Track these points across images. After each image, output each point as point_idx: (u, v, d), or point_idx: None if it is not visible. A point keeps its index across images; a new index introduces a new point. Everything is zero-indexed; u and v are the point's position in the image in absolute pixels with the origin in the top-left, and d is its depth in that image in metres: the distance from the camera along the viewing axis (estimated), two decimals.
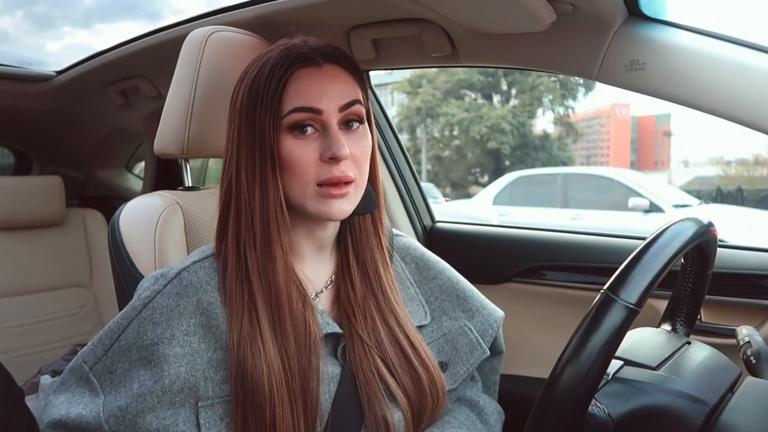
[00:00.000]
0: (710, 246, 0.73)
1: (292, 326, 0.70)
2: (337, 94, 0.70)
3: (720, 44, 0.89)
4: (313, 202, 0.70)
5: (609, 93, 39.61)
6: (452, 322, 0.84)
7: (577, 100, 16.65)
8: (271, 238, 0.70)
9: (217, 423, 0.67)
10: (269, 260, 0.70)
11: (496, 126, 14.53)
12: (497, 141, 14.55)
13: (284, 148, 0.68)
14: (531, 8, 0.90)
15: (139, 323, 0.69)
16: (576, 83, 15.46)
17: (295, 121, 0.68)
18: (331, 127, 0.69)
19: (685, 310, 0.81)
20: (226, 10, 1.24)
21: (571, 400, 0.53)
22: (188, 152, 0.97)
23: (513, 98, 16.16)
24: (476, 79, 15.19)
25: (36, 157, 2.41)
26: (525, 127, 15.54)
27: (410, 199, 1.61)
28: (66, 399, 0.70)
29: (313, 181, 0.69)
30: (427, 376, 0.75)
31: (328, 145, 0.68)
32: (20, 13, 28.14)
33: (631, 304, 0.54)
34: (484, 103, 15.76)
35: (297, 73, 0.69)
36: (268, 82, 0.69)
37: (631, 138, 28.78)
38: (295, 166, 0.68)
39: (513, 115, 15.02)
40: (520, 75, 15.16)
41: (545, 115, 16.37)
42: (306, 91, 0.68)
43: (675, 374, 0.66)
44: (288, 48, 0.71)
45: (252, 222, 0.70)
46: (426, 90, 14.51)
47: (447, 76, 14.74)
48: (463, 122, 14.82)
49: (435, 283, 0.86)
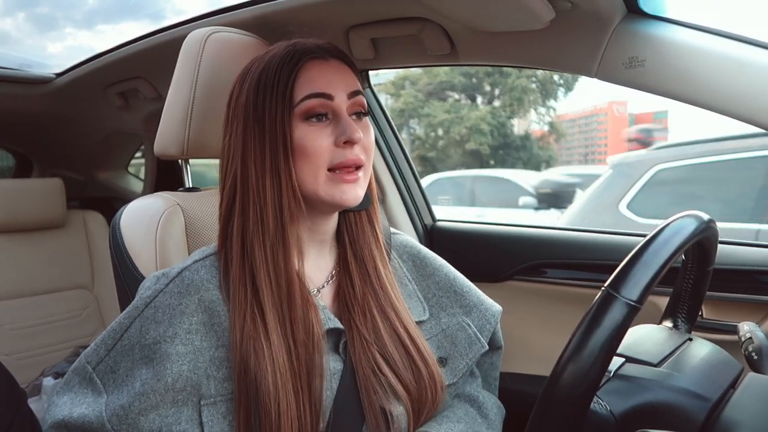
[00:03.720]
0: (711, 242, 0.73)
1: (300, 317, 0.70)
2: (345, 83, 0.72)
3: (719, 40, 0.89)
4: (325, 188, 0.71)
5: (607, 90, 39.62)
6: (450, 318, 0.85)
7: (558, 100, 16.98)
8: (284, 225, 0.71)
9: (219, 421, 0.67)
10: (282, 249, 0.71)
11: (475, 127, 14.85)
12: (476, 141, 14.85)
13: (297, 135, 0.70)
14: (530, 6, 0.90)
15: (141, 322, 0.70)
16: (556, 84, 15.85)
17: (309, 108, 0.70)
18: (342, 113, 0.71)
19: (687, 307, 0.81)
20: (224, 11, 1.24)
21: (572, 397, 0.53)
22: (188, 153, 0.97)
23: (496, 99, 16.47)
24: (457, 81, 15.51)
25: (36, 159, 2.42)
26: (505, 127, 15.81)
27: (410, 198, 1.61)
28: (69, 399, 0.70)
29: (325, 166, 0.70)
30: (426, 371, 0.76)
31: (342, 130, 0.70)
32: (22, 14, 28.22)
33: (632, 301, 0.54)
34: (465, 104, 16.06)
35: (306, 64, 0.72)
36: (278, 73, 0.70)
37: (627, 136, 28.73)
38: (308, 151, 0.70)
39: (492, 115, 15.35)
40: (501, 76, 15.60)
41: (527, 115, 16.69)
42: (317, 79, 0.71)
43: (677, 371, 0.66)
44: (293, 43, 0.74)
45: (262, 213, 0.71)
46: (408, 92, 14.67)
47: (429, 78, 15.04)
48: (444, 123, 15.08)
49: (432, 280, 0.87)
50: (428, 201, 1.65)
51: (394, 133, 1.60)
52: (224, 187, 0.74)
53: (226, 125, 0.75)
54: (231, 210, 0.73)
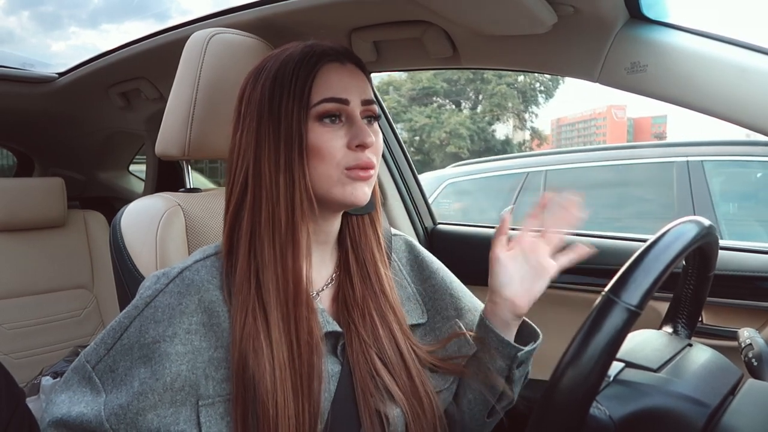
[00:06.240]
0: (712, 248, 0.73)
1: (305, 319, 0.70)
2: (359, 90, 0.73)
3: (722, 46, 0.89)
4: (339, 186, 0.72)
5: (606, 94, 39.61)
6: (445, 321, 0.85)
7: (540, 106, 17.53)
8: (296, 223, 0.71)
9: (217, 422, 0.67)
10: (291, 247, 0.71)
11: (454, 131, 15.20)
12: (456, 146, 15.25)
13: (312, 136, 0.71)
14: (532, 10, 0.90)
15: (141, 322, 0.69)
16: (537, 90, 16.35)
17: (326, 110, 0.71)
18: (356, 117, 0.72)
19: (687, 312, 0.81)
20: (227, 12, 1.24)
21: (572, 402, 0.53)
22: (190, 154, 0.97)
23: (480, 104, 16.88)
24: (440, 87, 15.85)
25: (37, 158, 2.42)
26: (485, 132, 16.14)
27: (411, 201, 1.61)
28: (68, 398, 0.70)
29: (340, 167, 0.71)
30: (423, 376, 0.76)
31: (355, 134, 0.71)
32: (26, 13, 28.28)
33: (632, 306, 0.53)
34: (446, 109, 16.50)
35: (325, 67, 0.72)
36: (296, 73, 0.71)
37: (627, 140, 28.77)
38: (323, 152, 0.71)
39: (472, 120, 15.66)
40: (482, 83, 16.10)
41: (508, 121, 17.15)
42: (335, 83, 0.72)
43: (676, 376, 0.66)
44: (312, 45, 0.74)
45: (274, 210, 0.71)
46: (392, 97, 14.88)
47: (413, 83, 15.46)
48: (425, 128, 15.38)
49: (430, 283, 0.87)
50: (429, 204, 1.65)
51: (395, 135, 1.60)
52: (233, 183, 0.74)
53: (237, 121, 0.75)
54: (241, 206, 0.73)
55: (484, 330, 0.80)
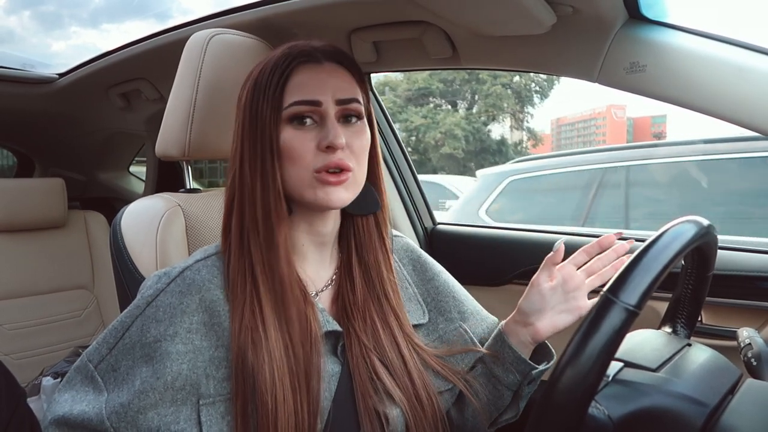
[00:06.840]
0: (711, 247, 0.73)
1: (296, 317, 0.71)
2: (335, 88, 0.72)
3: (721, 46, 0.89)
4: (311, 190, 0.71)
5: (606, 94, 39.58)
6: (448, 323, 0.85)
7: (535, 106, 17.80)
8: (272, 226, 0.71)
9: (218, 421, 0.67)
10: (271, 249, 0.72)
11: (449, 132, 15.23)
12: (450, 146, 15.25)
13: (283, 138, 0.71)
14: (531, 10, 0.91)
15: (142, 321, 0.70)
16: (532, 91, 16.42)
17: (296, 112, 0.71)
18: (328, 118, 0.72)
19: (686, 312, 0.81)
20: (227, 13, 1.25)
21: (571, 402, 0.53)
22: (190, 154, 0.97)
23: (476, 104, 16.95)
24: (436, 87, 15.85)
25: (38, 159, 2.42)
26: (480, 132, 16.15)
27: (411, 201, 1.61)
28: (70, 397, 0.71)
29: (310, 169, 0.71)
30: (424, 378, 0.76)
31: (324, 135, 0.71)
32: (27, 12, 28.27)
33: (631, 306, 0.54)
34: (442, 109, 16.57)
35: (298, 68, 0.72)
36: (271, 77, 0.72)
37: (626, 140, 28.77)
38: (293, 154, 0.71)
39: (468, 121, 15.69)
40: (477, 83, 16.11)
41: (504, 121, 17.29)
42: (306, 85, 0.71)
43: (675, 376, 0.66)
44: (291, 46, 0.74)
45: (255, 212, 0.72)
46: (388, 97, 14.94)
47: (409, 83, 15.47)
48: (420, 128, 15.39)
49: (432, 284, 0.87)
50: (428, 204, 1.65)
51: (395, 135, 1.60)
52: (227, 185, 0.76)
53: (234, 126, 0.76)
54: (231, 207, 0.75)
55: (501, 344, 0.81)
